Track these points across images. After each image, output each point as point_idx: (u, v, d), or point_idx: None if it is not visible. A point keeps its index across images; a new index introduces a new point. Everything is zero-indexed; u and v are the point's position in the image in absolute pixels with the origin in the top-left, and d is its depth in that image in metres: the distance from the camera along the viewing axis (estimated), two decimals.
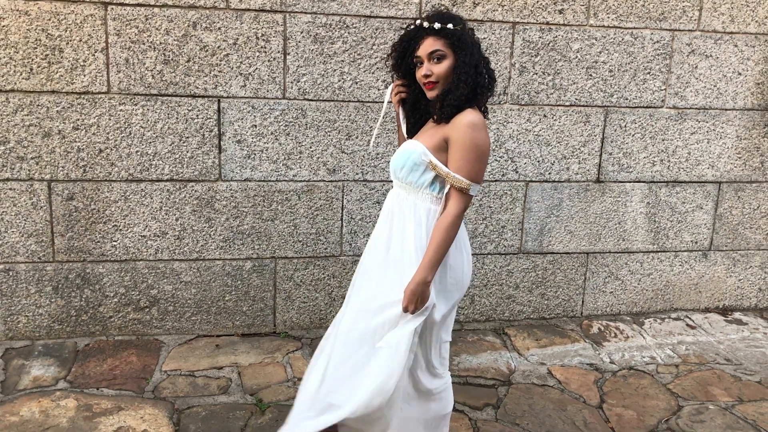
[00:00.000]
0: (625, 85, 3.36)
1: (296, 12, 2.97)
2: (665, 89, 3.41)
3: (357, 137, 3.14)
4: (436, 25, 1.87)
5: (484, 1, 3.11)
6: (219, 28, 2.92)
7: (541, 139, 3.33)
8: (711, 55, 3.41)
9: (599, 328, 3.49)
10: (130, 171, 2.99)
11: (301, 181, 3.14)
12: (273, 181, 3.12)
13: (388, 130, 3.15)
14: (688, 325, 3.58)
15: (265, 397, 2.72)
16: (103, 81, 2.88)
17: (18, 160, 2.89)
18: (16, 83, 2.82)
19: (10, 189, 2.91)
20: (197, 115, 2.99)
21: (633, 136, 3.43)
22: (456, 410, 2.61)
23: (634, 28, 3.29)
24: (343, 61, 3.05)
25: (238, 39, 2.94)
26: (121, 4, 2.83)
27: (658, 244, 3.61)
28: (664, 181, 3.52)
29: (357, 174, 3.19)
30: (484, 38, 3.13)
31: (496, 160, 3.30)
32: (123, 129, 2.94)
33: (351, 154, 3.16)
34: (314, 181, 3.15)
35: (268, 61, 2.99)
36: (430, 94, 1.93)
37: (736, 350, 3.35)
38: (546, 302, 3.56)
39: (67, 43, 2.82)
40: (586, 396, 2.87)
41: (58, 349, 3.01)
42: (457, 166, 1.85)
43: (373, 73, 3.10)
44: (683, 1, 3.31)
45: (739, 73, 3.47)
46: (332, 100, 3.08)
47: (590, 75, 3.30)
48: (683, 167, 3.53)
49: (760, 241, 3.74)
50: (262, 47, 2.97)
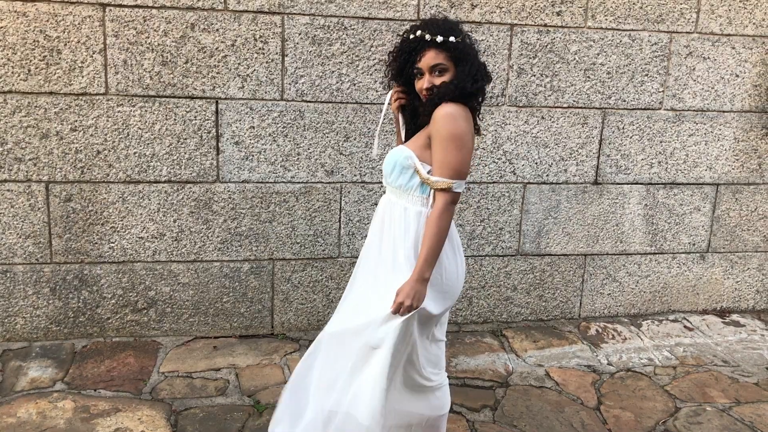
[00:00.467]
0: (623, 87, 3.36)
1: (294, 13, 2.97)
2: (663, 91, 3.41)
3: (355, 139, 3.14)
4: (439, 39, 1.86)
5: (483, 3, 3.12)
6: (217, 30, 2.92)
7: (539, 141, 3.33)
8: (708, 58, 3.42)
9: (597, 330, 3.49)
10: (128, 172, 2.99)
11: (299, 183, 3.14)
12: (271, 182, 3.11)
13: (387, 132, 3.15)
14: (685, 326, 3.58)
15: (263, 399, 2.72)
16: (101, 82, 2.88)
17: (16, 162, 2.89)
18: (14, 84, 2.82)
19: (8, 190, 2.91)
20: (195, 117, 2.99)
21: (631, 138, 3.43)
22: (453, 411, 2.61)
23: (632, 30, 3.30)
24: (341, 63, 3.05)
25: (236, 40, 2.94)
26: (119, 6, 2.83)
27: (655, 245, 3.61)
28: (662, 183, 3.53)
29: (355, 176, 3.19)
30: (482, 40, 3.14)
31: (494, 162, 3.30)
32: (121, 130, 2.94)
33: (349, 156, 3.16)
34: (312, 182, 3.15)
35: (266, 62, 2.99)
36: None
37: (733, 352, 3.35)
38: (544, 304, 3.56)
39: (65, 45, 2.82)
40: (583, 398, 2.87)
41: (56, 350, 3.01)
42: (438, 160, 1.85)
43: (371, 75, 3.10)
44: (681, 3, 3.31)
45: (737, 75, 3.47)
46: (330, 102, 3.08)
47: (588, 77, 3.31)
48: (681, 169, 3.53)
49: (758, 243, 3.75)
50: (260, 49, 2.97)
